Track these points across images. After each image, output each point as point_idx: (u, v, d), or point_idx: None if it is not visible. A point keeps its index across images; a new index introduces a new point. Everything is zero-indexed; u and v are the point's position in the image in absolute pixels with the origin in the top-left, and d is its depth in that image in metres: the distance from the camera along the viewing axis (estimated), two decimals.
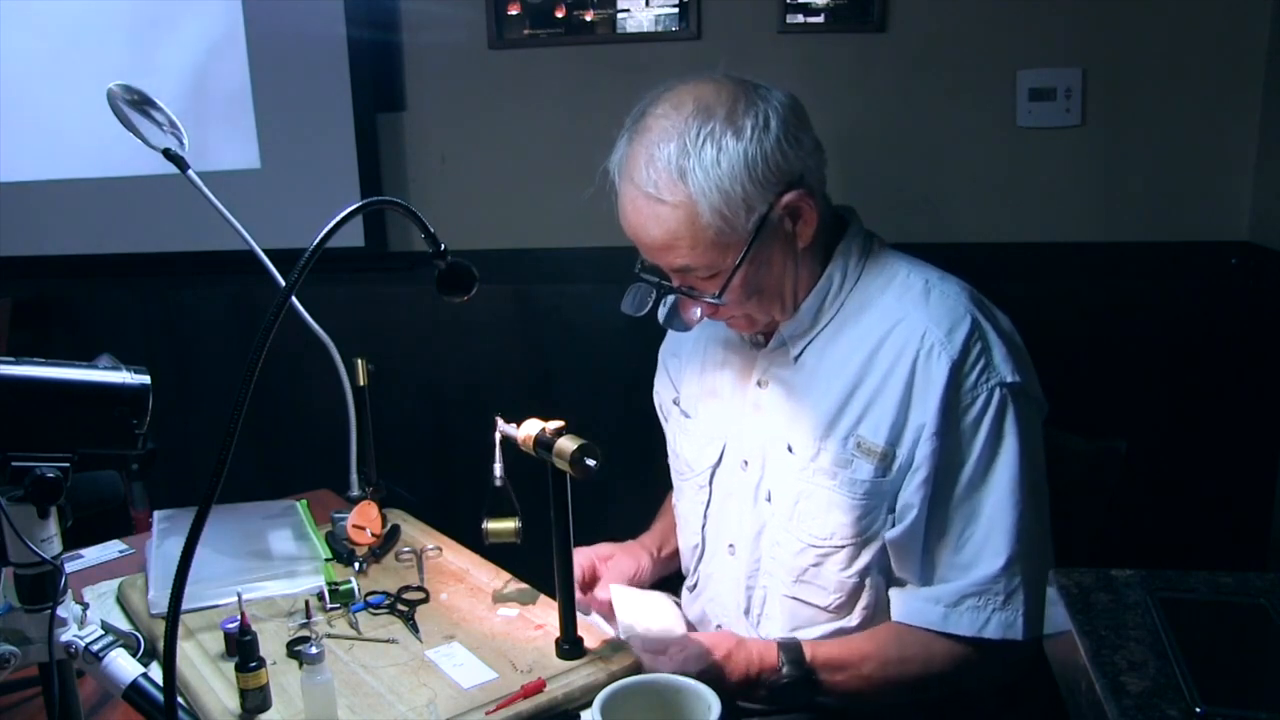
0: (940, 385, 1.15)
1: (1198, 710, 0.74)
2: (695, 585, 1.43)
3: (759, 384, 1.31)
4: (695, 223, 1.14)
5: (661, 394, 1.51)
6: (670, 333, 1.48)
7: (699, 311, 1.25)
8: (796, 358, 1.27)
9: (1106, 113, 2.01)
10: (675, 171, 1.13)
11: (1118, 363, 2.06)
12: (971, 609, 1.17)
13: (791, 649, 1.20)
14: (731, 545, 1.34)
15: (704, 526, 1.39)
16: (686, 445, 1.41)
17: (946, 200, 2.11)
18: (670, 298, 1.26)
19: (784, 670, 1.19)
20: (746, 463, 1.31)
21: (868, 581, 1.24)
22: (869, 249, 1.29)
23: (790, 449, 1.26)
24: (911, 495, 1.18)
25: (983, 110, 2.05)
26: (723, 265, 1.18)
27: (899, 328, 1.20)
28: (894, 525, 1.20)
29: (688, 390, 1.42)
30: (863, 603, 1.25)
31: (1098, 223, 2.07)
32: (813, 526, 1.24)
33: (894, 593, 1.23)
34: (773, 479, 1.28)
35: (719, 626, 1.37)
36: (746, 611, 1.33)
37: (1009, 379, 1.17)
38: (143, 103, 1.28)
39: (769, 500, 1.29)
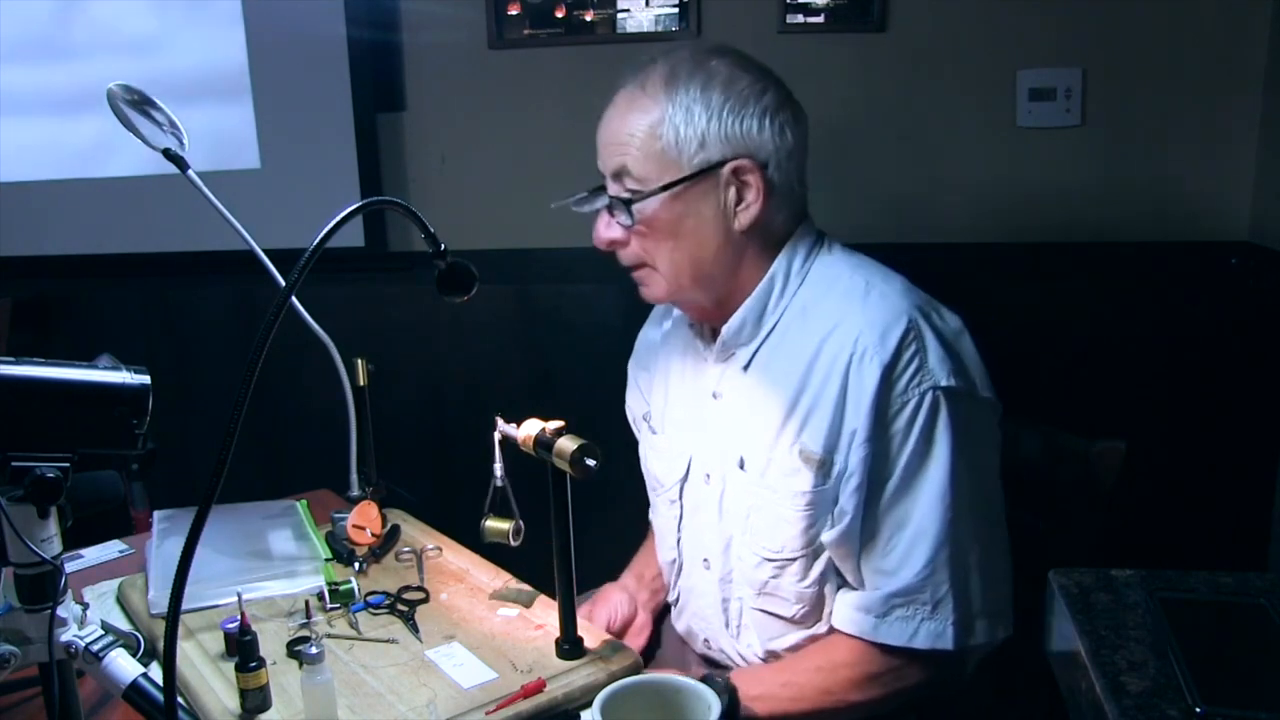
0: (871, 390, 1.13)
1: (1198, 710, 0.74)
2: (678, 600, 1.42)
3: (715, 396, 1.29)
4: (653, 129, 1.18)
5: (634, 409, 1.49)
6: (637, 347, 1.48)
7: (611, 230, 1.24)
8: (746, 367, 1.25)
9: (1106, 113, 2.01)
10: (668, 75, 1.19)
11: (1118, 363, 2.06)
12: (900, 619, 1.15)
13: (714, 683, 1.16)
14: (706, 560, 1.32)
15: (679, 541, 1.38)
16: (655, 460, 1.40)
17: (947, 200, 2.11)
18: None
19: None
20: (709, 476, 1.30)
21: (827, 590, 1.22)
22: (816, 250, 1.26)
23: (742, 462, 1.24)
24: (846, 501, 1.16)
25: (983, 110, 2.05)
26: (653, 184, 1.19)
27: (837, 332, 1.18)
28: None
29: (655, 404, 1.41)
30: (828, 609, 1.23)
31: (1098, 223, 2.07)
32: (765, 540, 1.23)
33: (837, 598, 1.22)
34: (730, 492, 1.27)
35: (705, 641, 1.36)
36: (726, 624, 1.32)
37: (944, 382, 1.14)
38: (143, 102, 1.28)
39: (730, 514, 1.27)
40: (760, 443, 1.22)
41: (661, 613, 1.50)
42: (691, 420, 1.34)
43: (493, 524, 1.28)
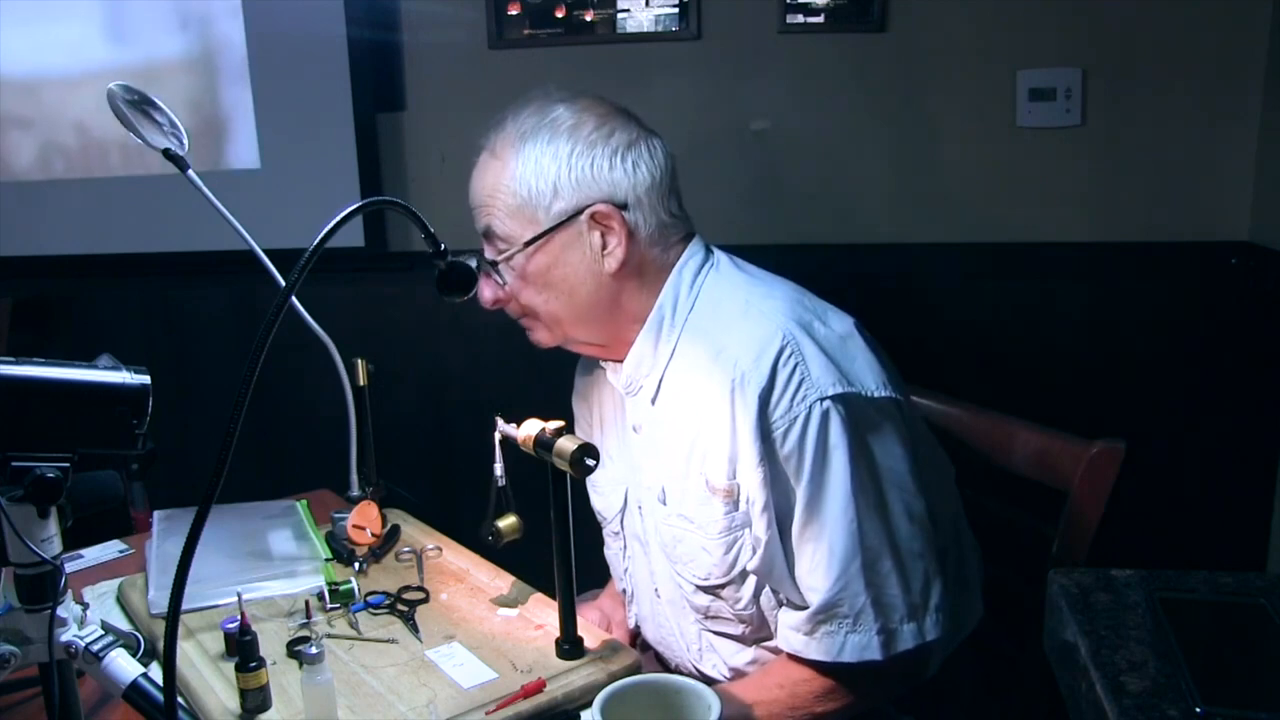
0: (753, 415, 1.12)
1: (1198, 710, 0.74)
2: (635, 626, 1.43)
3: (634, 430, 1.29)
4: (508, 187, 1.19)
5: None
6: (576, 378, 1.46)
7: (489, 292, 1.25)
8: (654, 400, 1.25)
9: (1106, 113, 2.01)
10: (517, 136, 1.20)
11: (1117, 363, 2.06)
12: (826, 634, 1.14)
13: None
14: (656, 589, 1.32)
15: (626, 572, 1.39)
16: (595, 496, 1.40)
17: (947, 200, 2.11)
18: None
19: None
20: (641, 508, 1.30)
21: (765, 608, 1.22)
22: (705, 271, 1.24)
23: (664, 495, 1.24)
24: (758, 526, 1.16)
25: (983, 110, 2.05)
26: (518, 241, 1.19)
27: (720, 358, 1.16)
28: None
29: (595, 438, 1.41)
30: (774, 625, 1.23)
31: (1098, 223, 2.07)
32: (692, 569, 1.22)
33: (778, 616, 1.21)
34: (658, 525, 1.27)
35: (676, 666, 1.36)
36: (688, 648, 1.31)
37: (830, 391, 1.12)
38: (142, 103, 1.28)
39: (662, 545, 1.27)
40: (674, 475, 1.22)
41: (638, 631, 1.50)
42: (621, 454, 1.34)
43: (506, 523, 1.27)
